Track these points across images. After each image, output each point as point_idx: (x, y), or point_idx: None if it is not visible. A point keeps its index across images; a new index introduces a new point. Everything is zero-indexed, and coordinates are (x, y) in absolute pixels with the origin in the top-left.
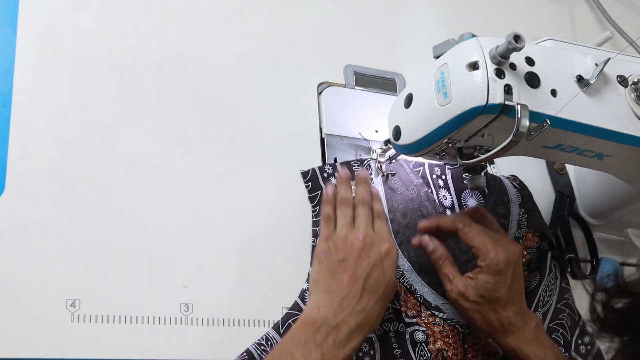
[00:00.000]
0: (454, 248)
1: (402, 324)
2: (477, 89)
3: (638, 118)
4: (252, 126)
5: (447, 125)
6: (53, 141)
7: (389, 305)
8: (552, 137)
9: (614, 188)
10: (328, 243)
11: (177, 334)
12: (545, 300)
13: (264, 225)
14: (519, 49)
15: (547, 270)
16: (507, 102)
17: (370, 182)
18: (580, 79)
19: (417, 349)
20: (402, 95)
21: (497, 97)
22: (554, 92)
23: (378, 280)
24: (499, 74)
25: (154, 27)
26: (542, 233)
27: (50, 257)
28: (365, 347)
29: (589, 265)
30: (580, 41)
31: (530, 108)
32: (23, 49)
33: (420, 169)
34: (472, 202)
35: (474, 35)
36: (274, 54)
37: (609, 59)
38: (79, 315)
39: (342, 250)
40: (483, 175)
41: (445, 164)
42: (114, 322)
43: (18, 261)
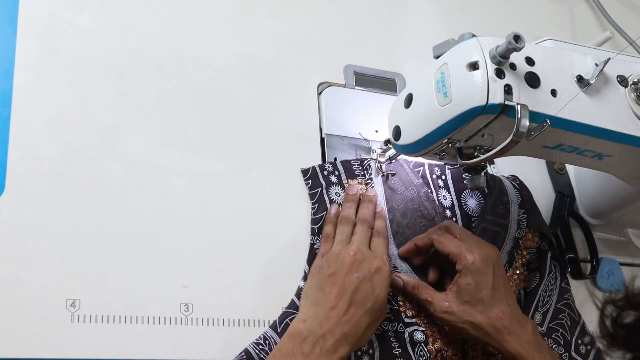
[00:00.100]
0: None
1: (401, 324)
2: (477, 89)
3: (638, 118)
4: (252, 126)
5: (447, 125)
6: (53, 141)
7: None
8: (552, 137)
9: (614, 188)
10: (322, 259)
11: (177, 334)
12: (545, 300)
13: (264, 225)
14: (519, 49)
15: (547, 270)
16: (507, 102)
17: (375, 201)
18: (580, 79)
19: (416, 349)
20: (402, 95)
21: (497, 97)
22: (554, 92)
23: (366, 294)
24: (499, 74)
25: (154, 27)
26: (542, 233)
27: (50, 257)
28: (364, 346)
29: (589, 265)
30: (580, 41)
31: (530, 108)
32: (23, 49)
33: (420, 169)
34: (472, 202)
35: (474, 35)
36: (274, 54)
37: (609, 59)
38: (79, 315)
39: (333, 265)
40: (483, 175)
41: (445, 164)
42: (114, 322)
43: (18, 261)
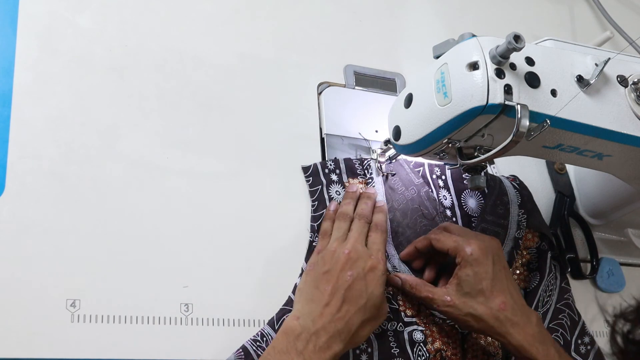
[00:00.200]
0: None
1: (401, 324)
2: (477, 89)
3: (638, 118)
4: (252, 126)
5: (447, 125)
6: (53, 141)
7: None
8: (552, 137)
9: (614, 188)
10: (318, 256)
11: (177, 334)
12: (545, 300)
13: (264, 225)
14: (519, 49)
15: (547, 270)
16: (507, 102)
17: (374, 198)
18: (580, 79)
19: (415, 349)
20: (402, 95)
21: (497, 97)
22: (554, 92)
23: (359, 291)
24: (499, 74)
25: (154, 27)
26: (542, 233)
27: (50, 257)
28: (363, 344)
29: (589, 265)
30: (580, 41)
31: (530, 108)
32: (23, 49)
33: (420, 169)
34: (471, 202)
35: (474, 35)
36: (274, 54)
37: (609, 59)
38: (79, 315)
39: (328, 262)
40: (483, 175)
41: (445, 164)
42: (114, 322)
43: (18, 261)
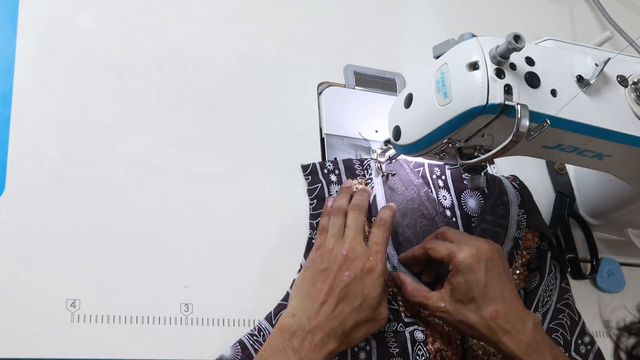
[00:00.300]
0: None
1: (401, 324)
2: (477, 89)
3: (638, 118)
4: (252, 126)
5: (447, 125)
6: (53, 141)
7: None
8: (552, 137)
9: (614, 188)
10: (316, 253)
11: (177, 334)
12: (545, 300)
13: (263, 225)
14: (519, 49)
15: (547, 270)
16: (507, 102)
17: (370, 192)
18: (580, 79)
19: (415, 348)
20: (402, 95)
21: (497, 97)
22: (554, 92)
23: (356, 291)
24: (499, 74)
25: (154, 27)
26: (542, 233)
27: (50, 257)
28: (361, 343)
29: (589, 265)
30: (580, 41)
31: (530, 108)
32: (23, 49)
33: (420, 169)
34: (471, 202)
35: (474, 35)
36: (274, 54)
37: (609, 59)
38: (79, 315)
39: (326, 260)
40: (483, 175)
41: (445, 164)
42: (114, 322)
43: (18, 261)
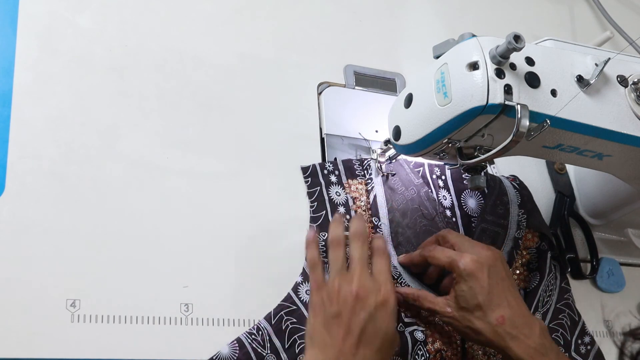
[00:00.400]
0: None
1: (401, 324)
2: (477, 89)
3: (638, 118)
4: (252, 126)
5: (447, 125)
6: (53, 141)
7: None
8: (552, 137)
9: (614, 188)
10: (322, 294)
11: (177, 334)
12: (545, 300)
13: (263, 225)
14: (519, 49)
15: (547, 270)
16: (507, 102)
17: (364, 217)
18: (580, 79)
19: (415, 348)
20: (402, 95)
21: (497, 97)
22: (554, 92)
23: (375, 333)
24: (499, 74)
25: (154, 27)
26: (542, 233)
27: (50, 257)
28: None
29: (589, 265)
30: (580, 41)
31: (530, 108)
32: (23, 49)
33: (420, 169)
34: (471, 202)
35: (474, 35)
36: (274, 54)
37: (609, 59)
38: (79, 315)
39: (335, 303)
40: (483, 175)
41: (445, 164)
42: (114, 322)
43: (18, 261)
